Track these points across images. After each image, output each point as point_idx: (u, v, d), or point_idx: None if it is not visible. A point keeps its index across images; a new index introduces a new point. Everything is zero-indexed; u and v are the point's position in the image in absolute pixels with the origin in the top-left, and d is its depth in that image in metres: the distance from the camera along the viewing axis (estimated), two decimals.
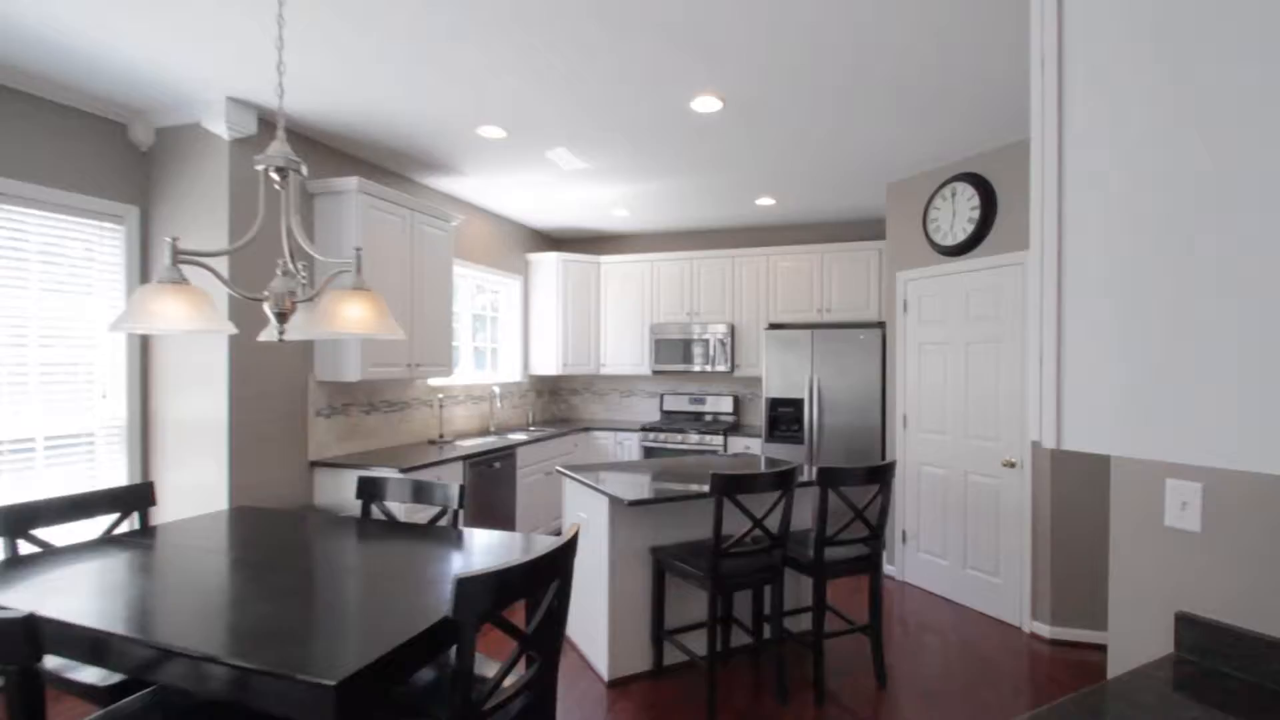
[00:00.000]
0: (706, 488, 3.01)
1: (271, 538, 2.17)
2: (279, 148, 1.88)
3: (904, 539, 4.28)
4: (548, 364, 5.72)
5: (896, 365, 4.31)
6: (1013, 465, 3.58)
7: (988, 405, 3.72)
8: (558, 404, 6.36)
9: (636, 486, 2.97)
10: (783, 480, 2.67)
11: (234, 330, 1.79)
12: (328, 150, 3.71)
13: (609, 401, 6.25)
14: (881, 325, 5.02)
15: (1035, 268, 0.96)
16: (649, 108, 3.11)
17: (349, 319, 1.66)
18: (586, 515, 3.14)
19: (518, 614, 3.38)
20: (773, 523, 3.08)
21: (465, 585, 1.43)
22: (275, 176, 1.89)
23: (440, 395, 4.46)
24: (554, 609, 1.69)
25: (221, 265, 3.11)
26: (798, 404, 4.91)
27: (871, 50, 2.54)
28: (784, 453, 4.93)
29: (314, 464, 3.58)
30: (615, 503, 2.87)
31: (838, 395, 4.78)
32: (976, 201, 3.71)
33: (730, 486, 2.58)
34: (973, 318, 3.80)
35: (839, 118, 3.22)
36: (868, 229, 5.54)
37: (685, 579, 2.75)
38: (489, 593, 1.47)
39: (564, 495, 3.47)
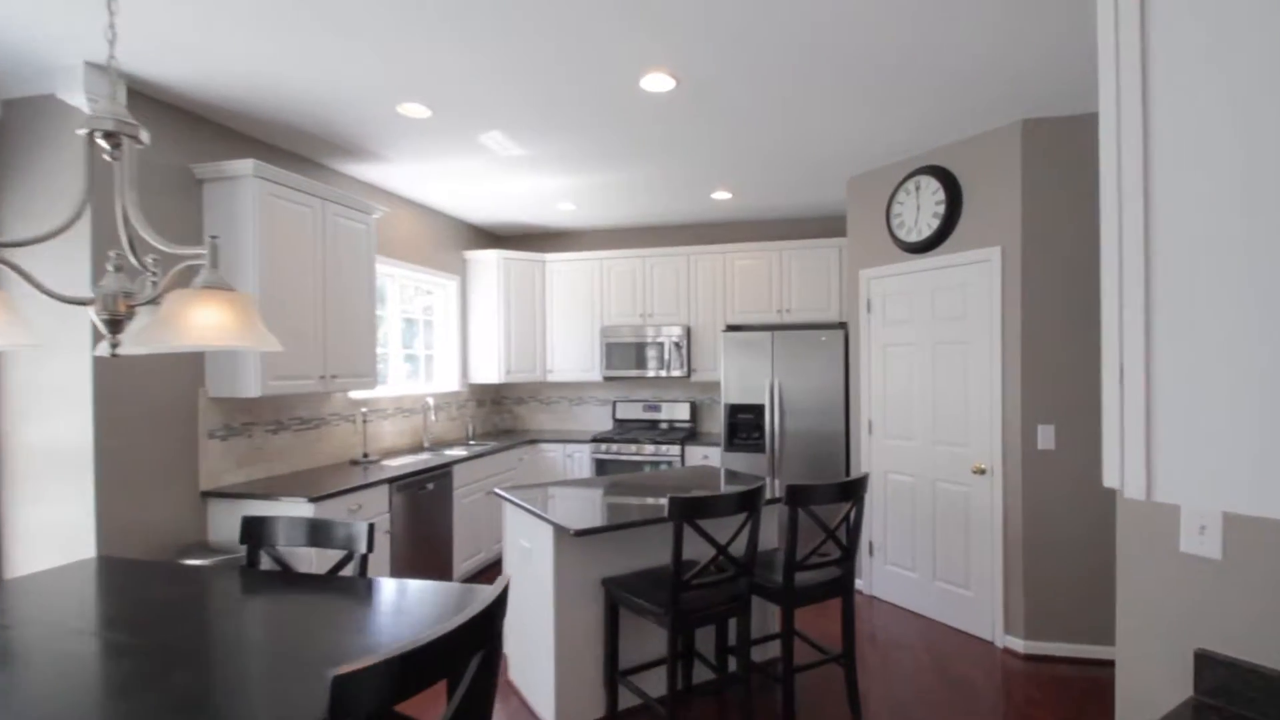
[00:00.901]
0: (663, 501, 2.70)
1: (126, 602, 1.72)
2: (108, 107, 1.46)
3: (871, 551, 4.06)
4: (489, 371, 5.29)
5: (861, 368, 4.09)
6: (983, 472, 3.39)
7: (956, 409, 3.52)
8: (501, 415, 5.93)
9: (585, 509, 2.62)
10: (748, 501, 2.37)
11: (37, 342, 1.36)
12: (221, 130, 3.21)
13: (557, 410, 5.86)
14: (844, 326, 4.82)
15: (1110, 258, 0.66)
16: (594, 85, 2.77)
17: (197, 327, 1.26)
18: (529, 544, 2.76)
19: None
20: (737, 547, 2.78)
21: (345, 685, 1.06)
22: (104, 144, 1.46)
23: (364, 409, 3.99)
24: (477, 689, 1.33)
25: (78, 262, 2.60)
26: (758, 410, 4.64)
27: (830, 28, 2.27)
28: (745, 462, 4.66)
29: (207, 495, 3.08)
30: (560, 532, 2.51)
31: (800, 400, 4.54)
32: (942, 196, 3.51)
33: (690, 511, 2.26)
34: (939, 317, 3.60)
35: (798, 102, 2.95)
36: (828, 225, 5.34)
37: (642, 615, 2.42)
38: (380, 688, 1.10)
39: (504, 522, 3.09)
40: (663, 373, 5.15)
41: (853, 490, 2.56)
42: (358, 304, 3.65)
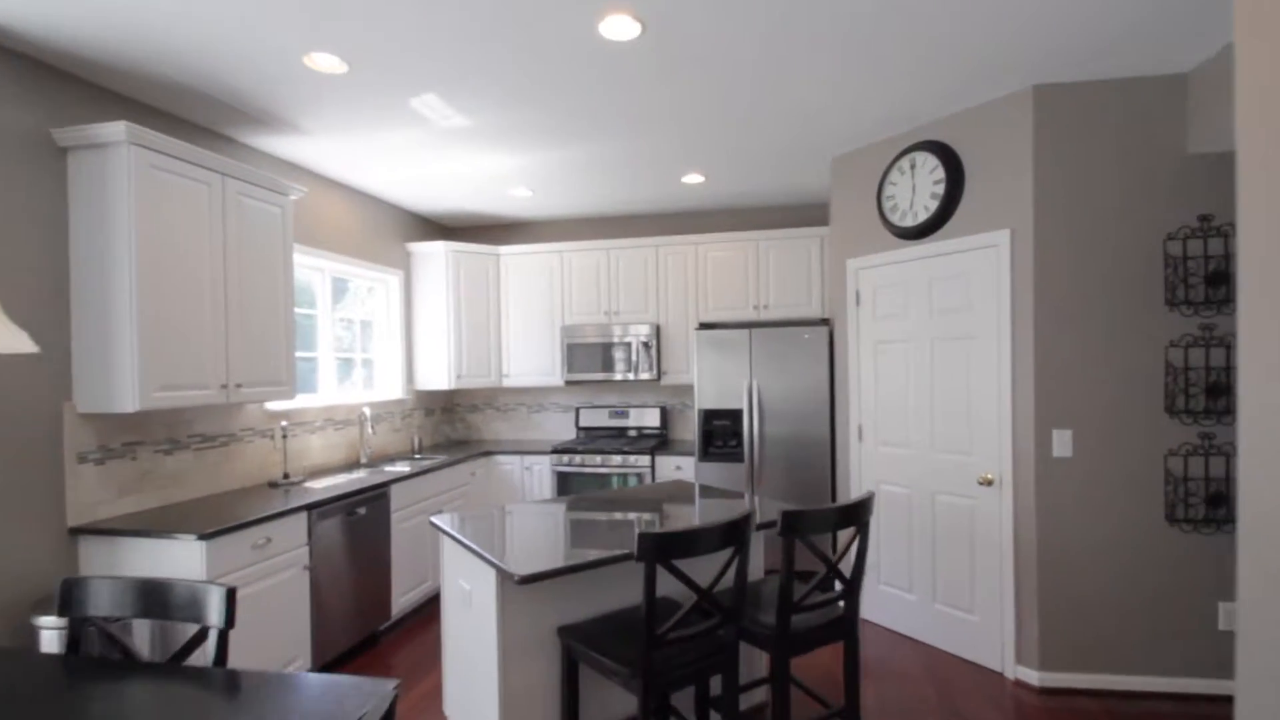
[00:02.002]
0: (633, 517, 2.25)
1: None
2: None
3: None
4: (437, 377, 4.76)
5: (849, 368, 3.71)
6: (990, 483, 3.02)
7: (958, 413, 3.15)
8: (453, 424, 5.39)
9: (538, 540, 2.15)
10: (734, 533, 1.94)
11: None
12: (94, 90, 2.65)
13: (515, 418, 5.36)
14: (827, 323, 4.44)
15: None
16: (545, 31, 2.31)
17: None
18: (470, 586, 2.28)
19: None
20: (721, 582, 2.34)
21: None
22: None
23: (284, 423, 3.44)
24: None
25: None
26: (735, 415, 4.23)
27: None
28: (721, 473, 4.24)
29: (77, 531, 2.51)
30: (504, 577, 2.03)
31: (781, 404, 4.14)
32: (941, 174, 3.14)
33: (664, 551, 1.81)
34: (939, 310, 3.23)
35: (777, 65, 2.53)
36: (808, 214, 4.96)
37: (607, 676, 1.96)
38: None
39: (440, 556, 2.59)
40: (630, 376, 4.70)
41: (857, 514, 2.14)
42: (270, 300, 3.10)
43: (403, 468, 4.00)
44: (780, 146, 3.58)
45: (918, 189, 3.25)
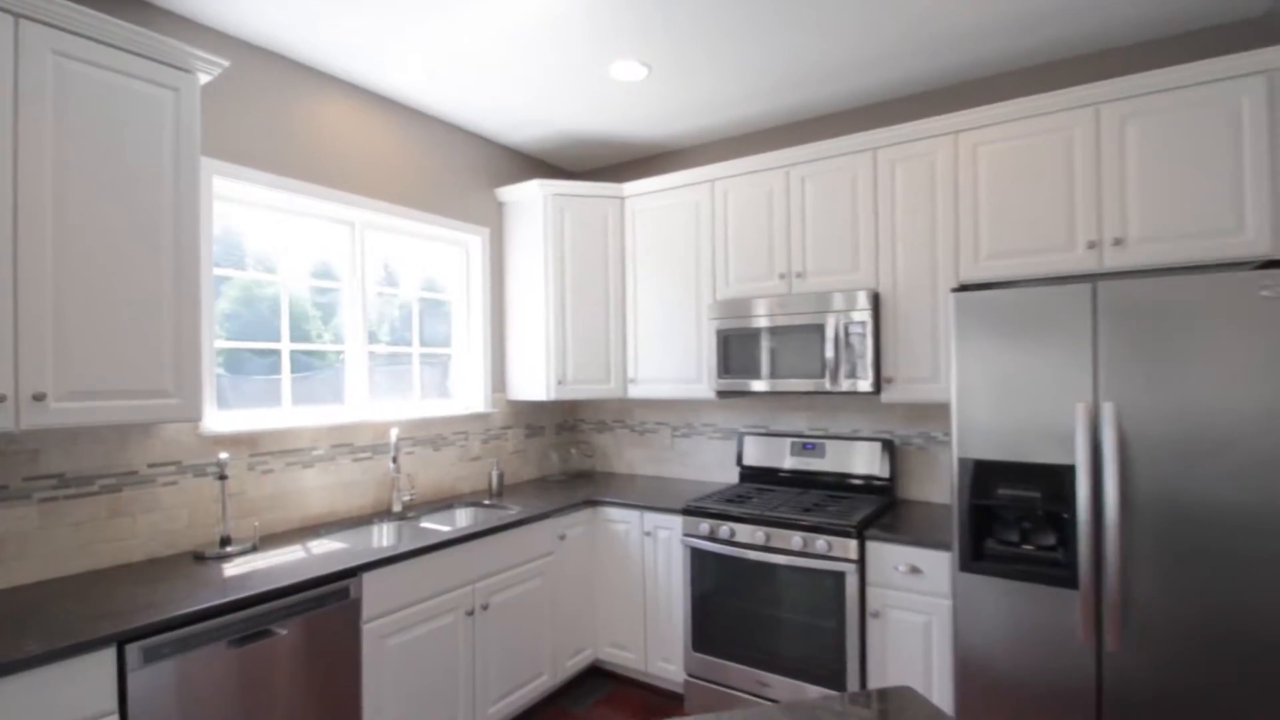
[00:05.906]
0: None
1: None
2: None
3: None
4: (531, 383, 3.25)
5: None
6: None
7: None
8: (568, 449, 3.83)
9: None
10: None
11: None
12: None
13: (655, 444, 3.61)
14: None
15: None
16: None
17: None
18: None
19: None
20: None
21: None
22: None
23: (223, 455, 2.15)
24: None
25: None
26: (1053, 477, 1.93)
27: None
28: (1020, 611, 1.96)
29: None
30: None
31: (1179, 453, 1.75)
32: None
33: None
34: None
35: None
36: (1213, 40, 2.38)
37: None
38: None
39: None
40: (825, 384, 2.64)
41: None
42: (145, 253, 1.81)
43: (449, 522, 2.55)
44: None
45: None
